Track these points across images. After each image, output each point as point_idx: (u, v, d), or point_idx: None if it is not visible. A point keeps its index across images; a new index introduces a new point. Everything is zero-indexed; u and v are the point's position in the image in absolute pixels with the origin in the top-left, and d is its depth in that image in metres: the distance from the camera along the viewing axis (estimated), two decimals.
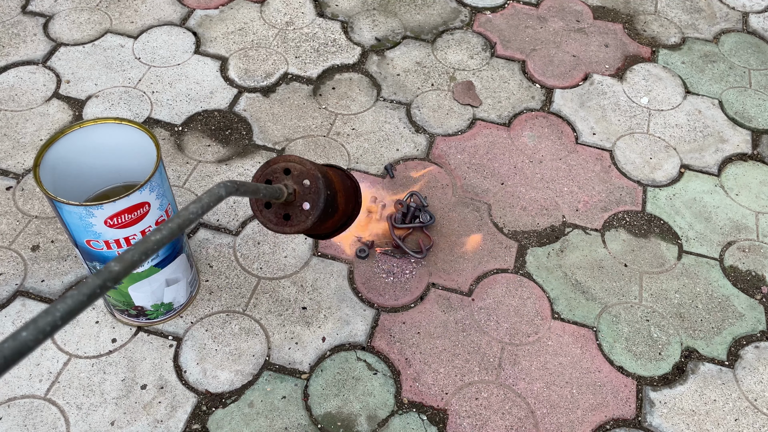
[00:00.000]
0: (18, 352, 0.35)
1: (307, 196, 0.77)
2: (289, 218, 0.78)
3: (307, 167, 0.76)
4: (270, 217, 0.78)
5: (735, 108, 1.54)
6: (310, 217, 0.77)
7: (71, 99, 1.45)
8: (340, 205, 0.86)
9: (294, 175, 0.77)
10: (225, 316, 1.14)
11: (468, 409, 1.06)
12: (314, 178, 0.76)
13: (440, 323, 1.15)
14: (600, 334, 1.15)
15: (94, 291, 0.40)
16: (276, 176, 0.77)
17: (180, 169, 1.34)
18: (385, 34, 1.66)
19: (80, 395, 1.04)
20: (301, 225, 0.77)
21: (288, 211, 0.77)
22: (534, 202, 1.33)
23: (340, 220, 0.91)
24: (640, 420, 1.06)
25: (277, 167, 0.77)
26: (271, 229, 0.79)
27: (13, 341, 0.35)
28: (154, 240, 0.46)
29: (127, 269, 0.42)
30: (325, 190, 0.77)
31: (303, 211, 0.77)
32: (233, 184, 0.60)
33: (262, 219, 0.79)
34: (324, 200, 0.77)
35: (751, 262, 1.27)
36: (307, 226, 0.77)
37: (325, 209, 0.78)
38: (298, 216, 0.77)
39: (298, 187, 0.76)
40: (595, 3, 1.78)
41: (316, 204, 0.77)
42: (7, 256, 1.19)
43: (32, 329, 0.36)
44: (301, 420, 1.03)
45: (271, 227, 0.78)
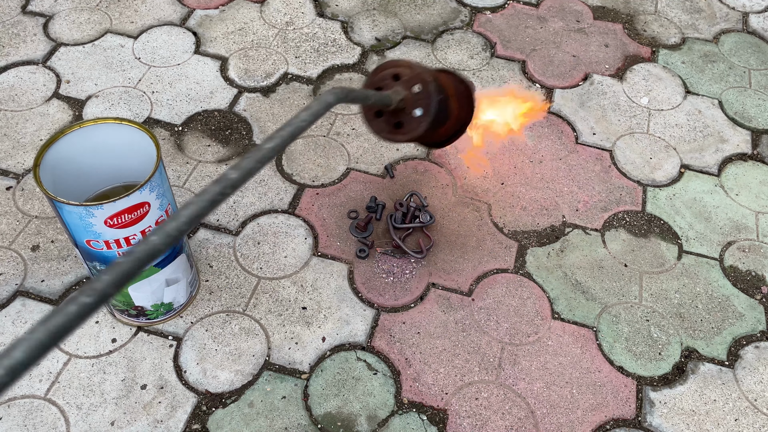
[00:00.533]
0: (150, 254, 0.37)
1: (418, 102, 0.73)
2: (401, 126, 0.74)
3: (417, 72, 0.72)
4: (381, 125, 0.75)
5: (735, 108, 1.54)
6: (422, 123, 0.73)
7: (71, 99, 1.45)
8: (453, 110, 0.81)
9: (404, 81, 0.73)
10: (225, 316, 1.14)
11: (468, 409, 1.06)
12: (425, 83, 0.72)
13: (440, 323, 1.15)
14: (600, 334, 1.15)
15: (215, 197, 0.41)
16: (385, 82, 0.74)
17: (180, 169, 1.34)
18: (385, 34, 1.66)
19: (80, 395, 1.04)
20: (414, 132, 0.74)
21: (400, 119, 0.74)
22: (534, 202, 1.33)
23: (453, 126, 0.86)
24: (640, 420, 1.06)
25: (386, 74, 0.74)
26: (383, 138, 0.75)
27: (144, 245, 0.37)
28: (268, 148, 0.46)
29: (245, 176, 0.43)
30: (437, 95, 0.73)
31: (415, 118, 0.73)
32: (342, 90, 0.58)
33: (374, 128, 0.75)
34: (436, 105, 0.73)
35: (751, 262, 1.27)
36: (419, 132, 0.74)
37: (438, 115, 0.74)
38: (409, 123, 0.74)
39: (408, 93, 0.73)
40: (595, 3, 1.78)
41: (428, 110, 0.73)
42: (7, 256, 1.19)
43: (161, 234, 0.38)
44: (301, 420, 1.03)
45: (384, 136, 0.75)
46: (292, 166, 1.36)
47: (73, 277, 1.17)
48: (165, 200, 0.95)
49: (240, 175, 0.43)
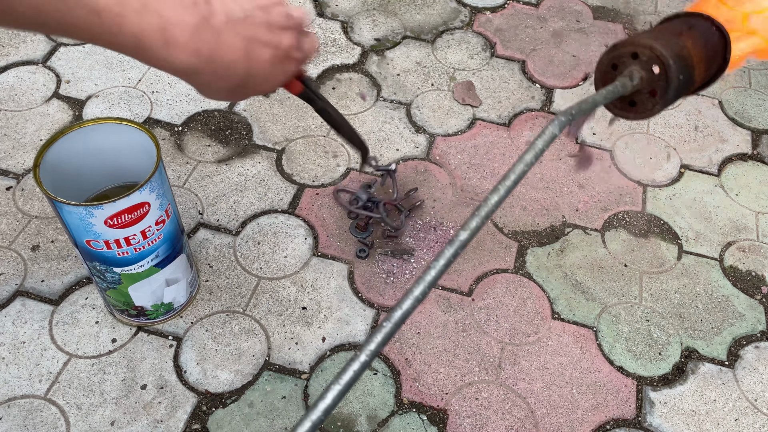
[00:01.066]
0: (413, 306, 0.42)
1: (655, 83, 0.70)
2: (635, 104, 0.72)
3: (657, 53, 0.69)
4: (615, 102, 0.75)
5: (735, 108, 1.54)
6: (657, 106, 0.71)
7: (71, 99, 1.45)
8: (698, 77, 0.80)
9: (642, 61, 0.70)
10: (225, 316, 1.14)
11: (468, 409, 1.06)
12: (666, 66, 0.69)
13: (440, 323, 1.15)
14: (600, 334, 1.15)
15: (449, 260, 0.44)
16: (623, 60, 0.71)
17: (180, 169, 1.34)
18: (385, 34, 1.66)
19: (80, 395, 1.04)
20: (646, 114, 0.72)
21: (634, 98, 0.72)
22: (534, 202, 1.33)
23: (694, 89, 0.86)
24: (640, 420, 1.06)
25: (624, 51, 0.71)
26: (613, 113, 0.75)
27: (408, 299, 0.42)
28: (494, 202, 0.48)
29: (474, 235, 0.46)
30: (677, 77, 0.70)
31: (650, 99, 0.71)
32: (566, 115, 0.57)
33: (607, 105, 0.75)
34: (674, 90, 0.71)
35: (751, 262, 1.27)
36: (652, 115, 0.72)
37: (675, 96, 0.72)
38: (644, 103, 0.72)
39: (645, 73, 0.70)
40: (595, 3, 1.78)
41: (664, 95, 0.71)
42: (7, 256, 1.19)
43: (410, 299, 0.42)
44: None
45: (615, 112, 0.74)
46: (292, 166, 1.36)
47: (73, 277, 1.17)
48: (165, 200, 0.95)
49: (470, 235, 0.46)
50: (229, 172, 1.34)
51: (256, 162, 1.36)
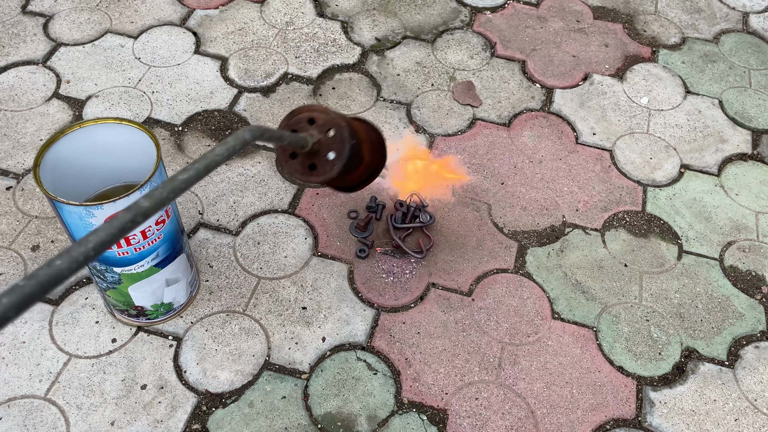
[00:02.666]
0: (54, 278, 0.36)
1: (332, 145, 0.76)
2: (315, 168, 0.77)
3: (332, 116, 0.76)
4: (296, 167, 0.78)
5: (735, 108, 1.54)
6: (335, 166, 0.76)
7: (71, 99, 1.45)
8: (366, 156, 0.84)
9: (318, 125, 0.76)
10: (225, 316, 1.14)
11: (468, 409, 1.06)
12: (339, 128, 0.75)
13: (440, 323, 1.15)
14: (600, 334, 1.15)
15: (125, 225, 0.41)
16: (301, 126, 0.76)
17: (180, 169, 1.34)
18: (385, 34, 1.66)
19: (80, 395, 1.04)
20: (327, 174, 0.77)
21: (313, 161, 0.77)
22: (534, 202, 1.33)
23: (365, 171, 0.89)
24: (640, 420, 1.06)
25: (301, 117, 0.76)
26: (297, 179, 0.78)
27: (48, 268, 0.36)
28: (181, 179, 0.47)
29: (157, 206, 0.43)
30: (350, 140, 0.76)
31: (328, 161, 0.76)
32: (259, 128, 0.60)
33: (288, 169, 0.78)
34: (349, 150, 0.76)
35: (751, 262, 1.27)
36: (333, 175, 0.77)
37: (351, 159, 0.77)
38: (323, 166, 0.77)
39: (322, 136, 0.76)
40: (595, 3, 1.78)
41: (341, 153, 0.76)
42: (7, 256, 1.19)
43: (66, 258, 0.37)
44: (301, 420, 1.03)
45: (297, 177, 0.78)
46: None
47: (72, 277, 1.17)
48: None
49: (152, 204, 0.44)
50: (229, 172, 1.34)
51: (256, 162, 1.36)
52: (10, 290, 0.35)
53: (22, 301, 0.35)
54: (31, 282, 0.36)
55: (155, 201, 0.44)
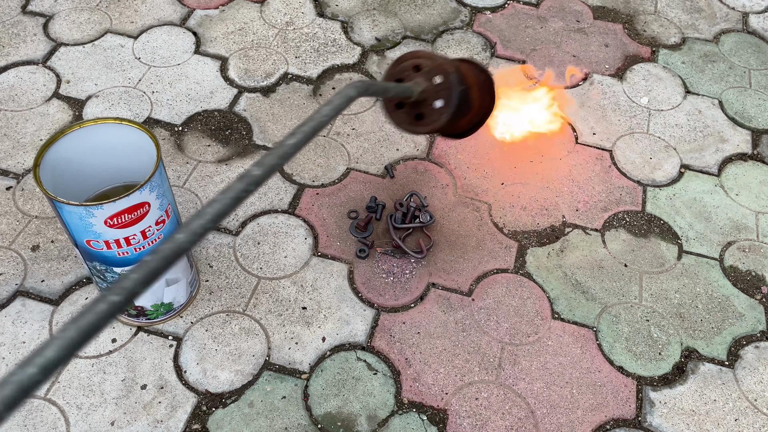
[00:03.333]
0: (176, 252, 0.37)
1: (439, 93, 0.72)
2: (422, 117, 0.74)
3: (438, 62, 0.72)
4: (402, 117, 0.74)
5: (735, 108, 1.54)
6: (443, 114, 0.73)
7: (71, 99, 1.45)
8: (475, 101, 0.81)
9: (424, 72, 0.72)
10: (225, 316, 1.14)
11: (468, 409, 1.06)
12: (446, 74, 0.72)
13: (440, 323, 1.15)
14: (600, 334, 1.15)
15: (239, 194, 0.41)
16: (406, 74, 0.73)
17: (180, 169, 1.34)
18: (385, 34, 1.66)
19: (80, 395, 1.04)
20: (435, 124, 0.74)
21: (420, 110, 0.74)
22: (534, 202, 1.33)
23: (475, 116, 0.84)
24: (640, 420, 1.06)
25: (407, 64, 0.73)
26: (404, 130, 0.74)
27: (171, 243, 0.37)
28: (290, 144, 0.46)
29: (267, 173, 0.43)
30: (458, 86, 0.73)
31: (435, 109, 0.73)
32: (363, 84, 0.59)
33: (394, 119, 0.75)
34: (458, 97, 0.72)
35: (751, 262, 1.27)
36: (441, 124, 0.73)
37: (459, 106, 0.74)
38: (431, 115, 0.73)
39: (429, 84, 0.72)
40: (595, 3, 1.78)
41: (449, 101, 0.72)
42: (7, 256, 1.19)
43: (186, 232, 0.38)
44: (301, 420, 1.03)
45: (404, 127, 0.74)
46: (292, 166, 1.36)
47: (73, 277, 1.17)
48: (165, 200, 0.95)
49: (263, 172, 0.43)
50: (229, 172, 1.34)
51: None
52: (138, 266, 0.35)
53: (149, 275, 0.36)
54: (156, 257, 0.36)
55: (266, 168, 0.43)
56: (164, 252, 0.37)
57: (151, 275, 0.36)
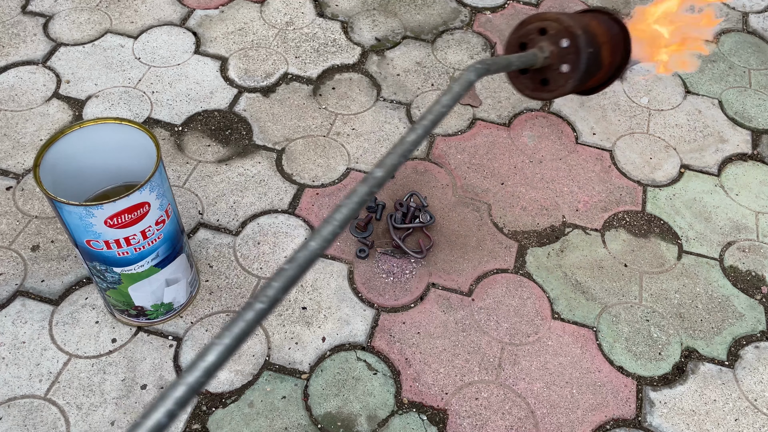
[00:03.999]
0: (310, 259, 0.39)
1: (565, 57, 0.69)
2: (547, 83, 0.71)
3: (565, 24, 0.69)
4: (526, 83, 0.72)
5: (735, 108, 1.54)
6: (570, 80, 0.70)
7: (71, 99, 1.45)
8: (605, 59, 0.77)
9: (550, 35, 0.69)
10: (225, 316, 1.14)
11: (468, 409, 1.06)
12: (573, 37, 0.68)
13: (440, 323, 1.15)
14: (600, 334, 1.15)
15: (363, 198, 0.43)
16: (530, 37, 0.70)
17: (180, 169, 1.34)
18: (385, 34, 1.66)
19: (80, 395, 1.04)
20: (560, 90, 0.71)
21: (545, 75, 0.71)
22: (534, 202, 1.33)
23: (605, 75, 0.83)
24: (640, 420, 1.06)
25: (531, 27, 0.70)
26: (527, 96, 0.72)
27: (304, 251, 0.39)
28: (410, 141, 0.46)
29: (390, 173, 0.44)
30: (587, 49, 0.69)
31: (561, 74, 0.70)
32: (483, 64, 0.57)
33: (517, 85, 0.72)
34: (585, 61, 0.69)
35: (751, 262, 1.27)
36: (567, 90, 0.71)
37: (587, 70, 0.71)
38: (556, 80, 0.71)
39: (555, 47, 0.69)
40: (595, 3, 1.78)
41: (576, 66, 0.69)
42: (7, 256, 1.19)
43: (318, 238, 0.40)
44: (301, 420, 1.03)
45: (528, 93, 0.72)
46: (292, 166, 1.36)
47: (73, 277, 1.17)
48: (165, 200, 0.95)
49: (386, 172, 0.44)
50: (229, 172, 1.34)
51: (256, 162, 1.36)
52: (277, 275, 0.38)
53: (288, 282, 0.39)
54: (293, 265, 0.39)
55: (389, 168, 0.44)
56: (299, 260, 0.39)
57: (290, 282, 0.39)
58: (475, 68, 0.55)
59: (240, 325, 0.36)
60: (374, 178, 0.43)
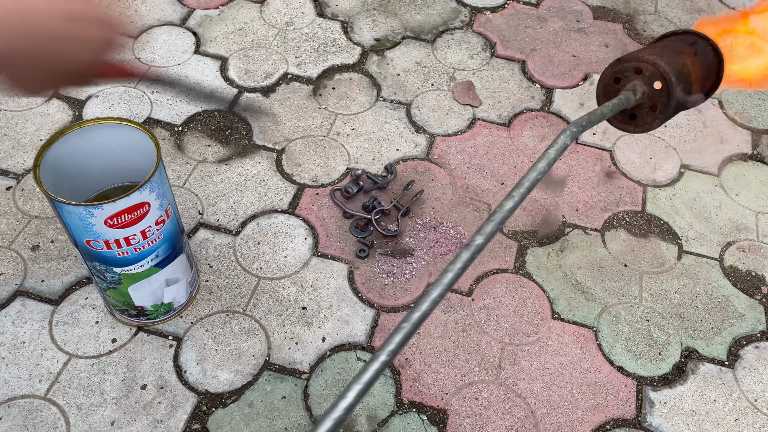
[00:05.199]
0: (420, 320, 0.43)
1: (656, 99, 0.72)
2: (635, 117, 0.74)
3: (661, 69, 0.71)
4: (617, 115, 0.74)
5: (735, 108, 1.54)
6: (656, 121, 0.73)
7: (71, 99, 1.45)
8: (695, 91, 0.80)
9: (645, 76, 0.72)
10: (225, 316, 1.14)
11: (468, 409, 1.06)
12: (667, 83, 0.71)
13: (440, 323, 1.15)
14: (600, 334, 1.15)
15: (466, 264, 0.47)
16: (626, 75, 0.73)
17: (180, 169, 1.34)
18: (385, 34, 1.66)
19: (80, 395, 1.04)
20: (645, 128, 0.74)
21: (635, 111, 0.74)
22: (534, 202, 1.33)
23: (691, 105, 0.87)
24: (640, 420, 1.06)
25: (628, 66, 0.73)
26: (613, 125, 0.74)
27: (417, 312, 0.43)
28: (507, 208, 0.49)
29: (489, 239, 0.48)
30: (678, 94, 0.72)
31: (650, 113, 0.73)
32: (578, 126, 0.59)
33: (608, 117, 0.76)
34: (674, 106, 0.72)
35: (751, 262, 1.27)
36: (652, 129, 0.74)
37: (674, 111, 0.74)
38: (644, 117, 0.74)
39: (647, 88, 0.72)
40: (595, 3, 1.78)
41: (664, 109, 0.72)
42: (7, 256, 1.19)
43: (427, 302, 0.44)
44: (301, 420, 1.03)
45: (615, 124, 0.74)
46: (292, 166, 1.36)
47: (73, 277, 1.17)
48: (165, 200, 0.95)
49: (485, 240, 0.48)
50: (229, 172, 1.34)
51: (256, 162, 1.36)
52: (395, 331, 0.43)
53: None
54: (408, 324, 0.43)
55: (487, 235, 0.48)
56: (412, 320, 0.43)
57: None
58: (571, 132, 0.57)
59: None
60: (476, 246, 0.47)
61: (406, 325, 0.43)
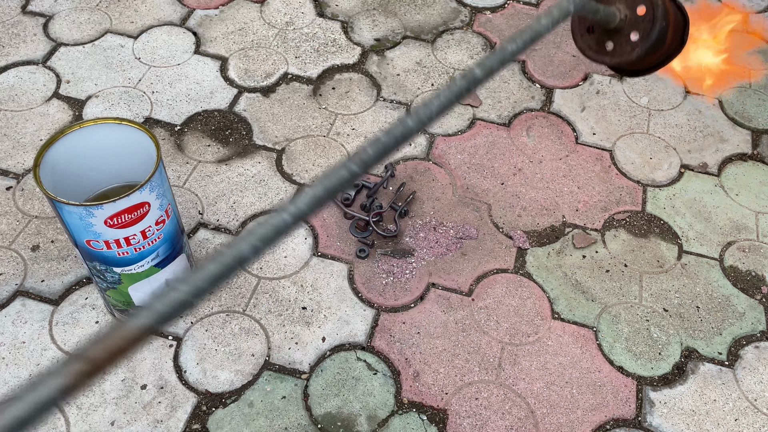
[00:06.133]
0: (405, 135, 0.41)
1: (638, 25, 0.68)
2: (612, 47, 0.70)
3: None
4: (590, 43, 0.70)
5: (735, 108, 1.54)
6: (636, 49, 0.69)
7: (71, 99, 1.45)
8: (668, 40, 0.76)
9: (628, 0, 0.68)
10: (225, 316, 1.14)
11: (468, 409, 1.06)
12: (652, 5, 0.67)
13: (440, 323, 1.15)
14: (600, 334, 1.15)
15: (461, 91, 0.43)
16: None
17: (180, 169, 1.34)
18: (385, 34, 1.66)
19: (80, 395, 1.04)
20: (624, 57, 0.70)
21: (612, 39, 0.70)
22: (534, 202, 1.33)
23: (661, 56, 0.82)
24: (640, 420, 1.06)
25: None
26: (588, 56, 0.71)
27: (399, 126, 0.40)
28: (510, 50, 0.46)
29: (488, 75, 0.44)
30: (661, 21, 0.68)
31: (629, 41, 0.69)
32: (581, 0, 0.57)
33: (580, 44, 0.71)
34: (657, 33, 0.68)
35: (751, 262, 1.27)
36: (631, 59, 0.69)
37: (655, 43, 0.69)
38: (622, 46, 0.69)
39: (629, 12, 0.68)
40: None
41: (647, 36, 0.68)
42: (7, 256, 1.19)
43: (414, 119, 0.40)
44: (301, 420, 1.03)
45: (589, 54, 0.71)
46: (292, 166, 1.36)
47: (73, 277, 1.17)
48: (165, 200, 0.95)
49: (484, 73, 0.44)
50: (229, 172, 1.34)
51: (256, 162, 1.36)
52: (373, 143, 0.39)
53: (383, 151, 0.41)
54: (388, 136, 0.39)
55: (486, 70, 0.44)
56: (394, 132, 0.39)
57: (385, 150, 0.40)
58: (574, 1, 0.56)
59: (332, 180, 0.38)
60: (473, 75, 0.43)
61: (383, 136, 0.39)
